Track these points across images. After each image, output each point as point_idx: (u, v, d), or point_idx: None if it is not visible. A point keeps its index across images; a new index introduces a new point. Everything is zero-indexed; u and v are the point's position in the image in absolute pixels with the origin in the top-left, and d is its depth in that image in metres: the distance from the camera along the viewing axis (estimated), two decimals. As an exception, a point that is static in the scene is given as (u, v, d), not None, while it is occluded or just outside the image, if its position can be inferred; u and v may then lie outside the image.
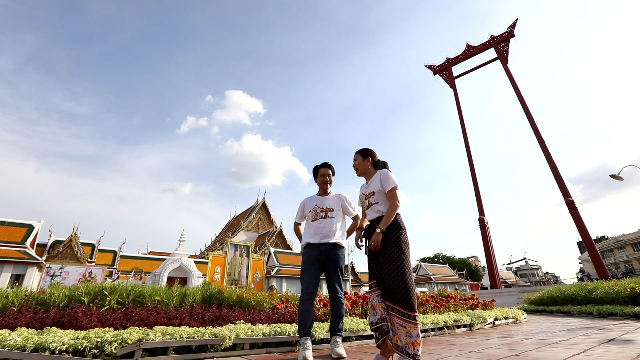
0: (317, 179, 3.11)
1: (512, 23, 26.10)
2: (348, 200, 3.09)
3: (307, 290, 2.69)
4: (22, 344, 2.10)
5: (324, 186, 3.06)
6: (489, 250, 20.79)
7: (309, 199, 3.09)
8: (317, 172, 3.10)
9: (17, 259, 18.90)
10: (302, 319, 2.63)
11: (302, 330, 2.60)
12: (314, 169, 3.14)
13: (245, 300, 4.66)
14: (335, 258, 2.81)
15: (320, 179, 3.07)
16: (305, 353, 2.42)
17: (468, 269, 50.44)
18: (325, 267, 2.80)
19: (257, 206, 42.28)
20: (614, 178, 11.51)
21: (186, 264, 19.16)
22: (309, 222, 2.97)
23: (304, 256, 2.86)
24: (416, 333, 1.91)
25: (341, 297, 2.77)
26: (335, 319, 2.72)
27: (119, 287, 4.19)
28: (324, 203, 2.99)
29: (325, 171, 3.07)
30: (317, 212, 2.94)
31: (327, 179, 3.05)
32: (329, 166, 3.10)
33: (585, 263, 66.78)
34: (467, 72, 28.99)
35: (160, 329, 2.58)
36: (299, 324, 2.65)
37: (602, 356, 2.32)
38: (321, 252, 2.78)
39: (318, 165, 3.12)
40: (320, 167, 3.10)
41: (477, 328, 4.93)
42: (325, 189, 3.07)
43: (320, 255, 2.78)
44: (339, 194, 3.10)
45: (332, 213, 2.93)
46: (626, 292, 6.99)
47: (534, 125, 21.57)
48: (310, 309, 2.67)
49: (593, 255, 17.10)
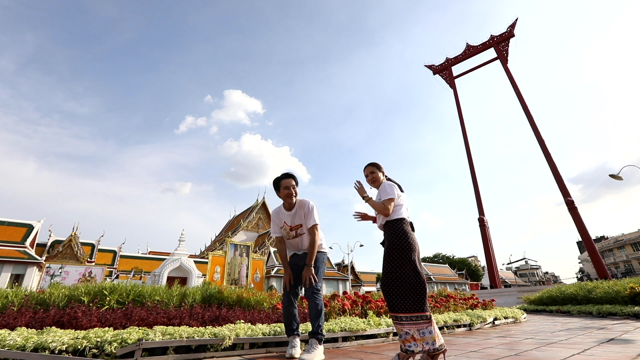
0: (279, 192, 2.78)
1: (512, 23, 26.11)
2: (309, 207, 2.75)
3: (285, 290, 2.73)
4: (22, 344, 2.10)
5: (289, 200, 2.76)
6: (488, 250, 20.79)
7: (277, 214, 2.87)
8: (280, 185, 2.77)
9: (16, 258, 18.89)
10: (288, 322, 2.69)
11: (290, 332, 2.68)
12: (275, 181, 2.82)
13: (245, 300, 4.66)
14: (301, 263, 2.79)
15: (284, 192, 2.74)
16: (292, 351, 2.50)
17: (468, 269, 50.39)
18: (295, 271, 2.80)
19: (257, 206, 42.27)
20: (614, 178, 11.51)
21: (186, 264, 19.15)
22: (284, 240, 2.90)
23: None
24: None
25: (315, 293, 2.58)
26: (313, 320, 2.58)
27: (119, 287, 4.19)
28: (293, 220, 2.79)
29: (289, 182, 2.76)
30: (287, 230, 2.81)
31: (291, 191, 2.74)
32: (292, 176, 2.80)
33: (584, 263, 66.82)
34: (467, 72, 28.99)
35: (160, 329, 2.58)
36: (287, 327, 2.70)
37: (601, 356, 2.32)
38: (301, 259, 2.80)
39: (279, 177, 2.81)
40: (281, 178, 2.79)
41: (477, 328, 4.93)
42: (290, 203, 2.77)
43: (300, 262, 2.79)
44: (301, 202, 2.79)
45: (301, 229, 2.78)
46: (626, 292, 7.00)
47: (534, 125, 21.57)
48: (293, 312, 2.70)
49: (593, 255, 17.10)
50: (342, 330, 3.28)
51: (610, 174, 11.61)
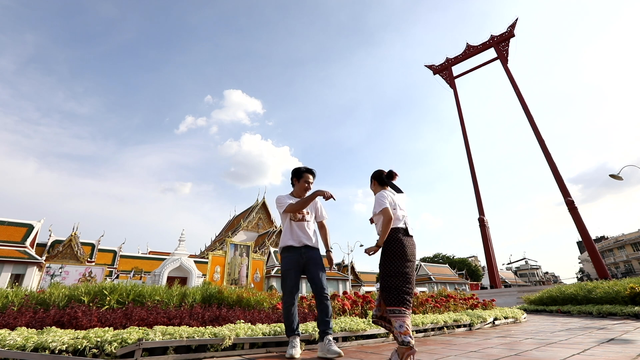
0: (298, 181, 3.01)
1: (512, 23, 26.12)
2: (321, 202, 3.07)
3: (292, 293, 2.72)
4: (22, 344, 2.10)
5: (304, 192, 3.00)
6: (488, 250, 20.80)
7: (286, 197, 2.99)
8: (301, 176, 3.00)
9: (17, 258, 18.90)
10: (289, 323, 2.69)
11: (290, 332, 2.68)
12: (298, 170, 3.03)
13: (245, 300, 4.66)
14: (319, 259, 2.85)
15: (303, 184, 2.98)
16: (293, 351, 2.53)
17: (468, 269, 50.39)
18: (308, 268, 2.79)
19: (257, 206, 42.28)
20: (614, 178, 11.51)
21: (186, 264, 19.15)
22: (288, 221, 2.91)
23: (285, 259, 2.82)
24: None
25: (328, 296, 2.78)
26: (326, 318, 2.70)
27: (119, 286, 4.19)
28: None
29: (310, 178, 3.01)
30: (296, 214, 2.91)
31: (309, 186, 3.01)
32: (313, 174, 3.05)
33: (585, 263, 66.83)
34: (467, 72, 28.99)
35: (160, 329, 2.58)
36: (287, 327, 2.70)
37: (601, 356, 2.32)
38: (301, 255, 2.79)
39: (302, 168, 3.04)
40: (306, 171, 3.02)
41: (477, 328, 4.93)
42: (304, 194, 3.01)
43: (300, 259, 2.79)
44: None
45: (308, 217, 2.95)
46: (626, 292, 7.00)
47: (534, 125, 21.58)
48: (295, 311, 2.74)
49: (593, 255, 17.10)
50: (342, 330, 3.28)
51: (611, 174, 11.61)
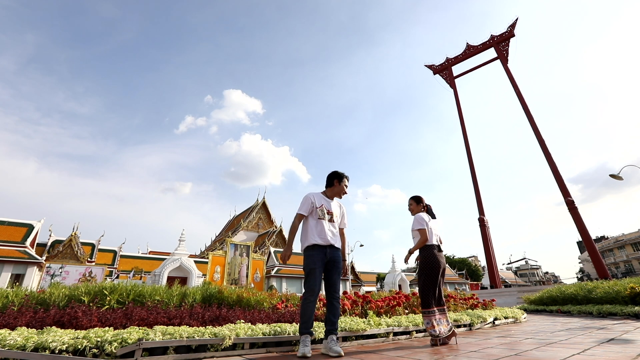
0: (335, 184, 3.10)
1: (512, 23, 26.10)
2: (344, 209, 3.23)
3: (314, 291, 2.76)
4: (22, 344, 2.10)
5: (339, 195, 3.15)
6: (488, 250, 20.79)
7: (316, 196, 3.05)
8: (342, 179, 3.12)
9: (17, 258, 18.89)
10: (307, 319, 2.70)
11: (305, 330, 2.68)
12: (341, 174, 3.13)
13: (245, 300, 4.66)
14: (339, 261, 2.93)
15: (343, 188, 3.11)
16: (305, 350, 2.53)
17: (468, 269, 50.34)
18: (329, 268, 2.87)
19: (257, 206, 42.28)
20: (614, 178, 11.51)
21: (186, 264, 19.14)
22: (314, 219, 2.93)
23: (310, 257, 2.83)
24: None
25: (339, 298, 2.87)
26: (334, 318, 2.77)
27: (119, 286, 4.19)
28: (330, 206, 3.05)
29: (346, 184, 3.15)
30: (324, 212, 2.98)
31: (346, 191, 3.14)
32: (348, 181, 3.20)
33: (585, 263, 66.80)
34: (467, 71, 28.98)
35: (160, 329, 2.59)
36: (303, 323, 2.70)
37: (601, 356, 2.32)
38: (326, 255, 2.85)
39: (344, 174, 3.15)
40: (345, 177, 3.14)
41: (477, 328, 4.93)
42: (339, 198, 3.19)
43: (324, 257, 2.84)
44: (340, 203, 3.23)
45: (335, 218, 3.05)
46: (626, 292, 7.00)
47: (534, 125, 21.56)
48: (314, 309, 2.76)
49: (593, 255, 17.10)
50: (342, 330, 3.27)
51: (611, 174, 11.62)
